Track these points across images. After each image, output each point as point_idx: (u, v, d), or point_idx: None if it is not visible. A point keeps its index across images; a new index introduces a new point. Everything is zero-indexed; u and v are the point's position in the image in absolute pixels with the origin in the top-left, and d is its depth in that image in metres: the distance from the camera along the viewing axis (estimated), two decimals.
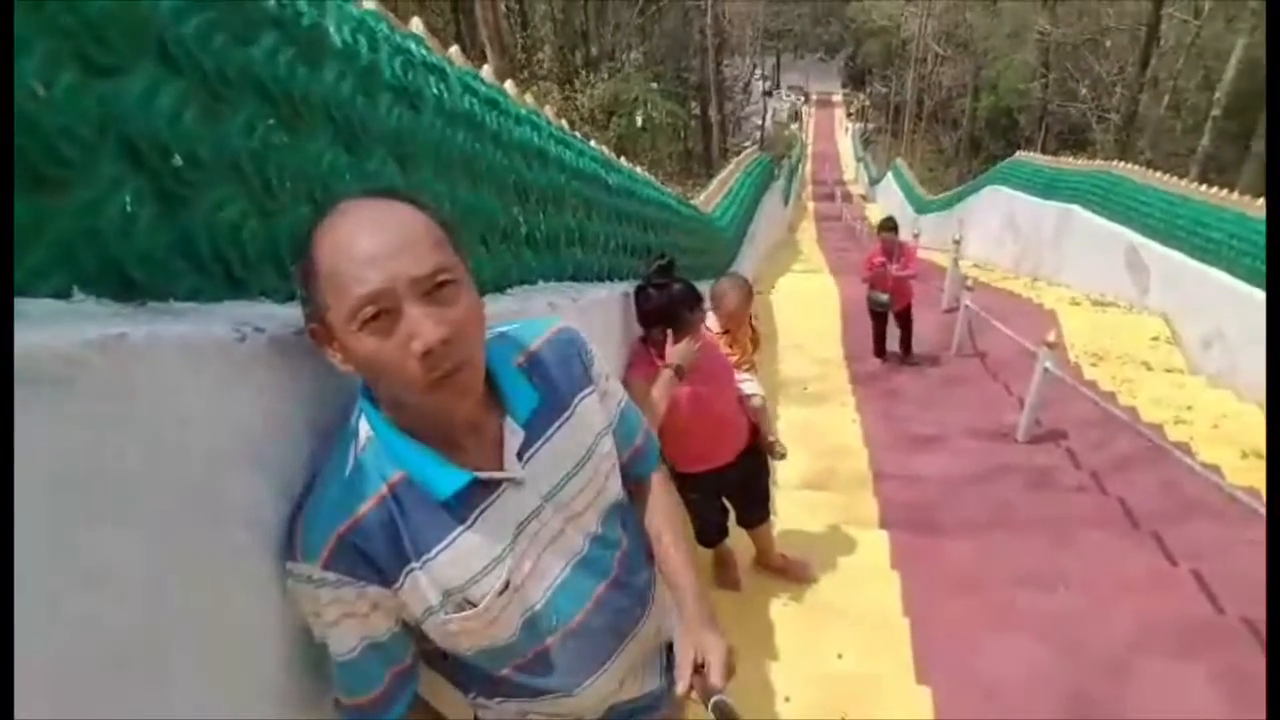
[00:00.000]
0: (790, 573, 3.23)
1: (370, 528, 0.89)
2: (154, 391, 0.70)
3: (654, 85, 19.75)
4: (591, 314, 2.11)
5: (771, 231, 14.99)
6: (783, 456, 3.06)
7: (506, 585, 0.97)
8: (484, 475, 0.94)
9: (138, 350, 0.67)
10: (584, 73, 20.39)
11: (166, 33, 0.80)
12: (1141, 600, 3.10)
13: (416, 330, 0.81)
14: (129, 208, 0.75)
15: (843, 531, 3.62)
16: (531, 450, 1.00)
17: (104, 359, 0.63)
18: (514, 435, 0.98)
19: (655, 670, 1.24)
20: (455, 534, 0.94)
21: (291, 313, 0.92)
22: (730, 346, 3.08)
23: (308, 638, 0.97)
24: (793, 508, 3.81)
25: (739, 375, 2.92)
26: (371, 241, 0.81)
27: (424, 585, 0.93)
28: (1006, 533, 3.74)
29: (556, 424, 1.04)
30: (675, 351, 2.36)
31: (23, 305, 0.64)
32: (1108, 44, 23.60)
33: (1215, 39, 20.37)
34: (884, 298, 6.60)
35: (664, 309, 2.39)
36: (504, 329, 1.07)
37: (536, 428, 1.01)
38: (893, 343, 7.10)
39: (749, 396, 2.90)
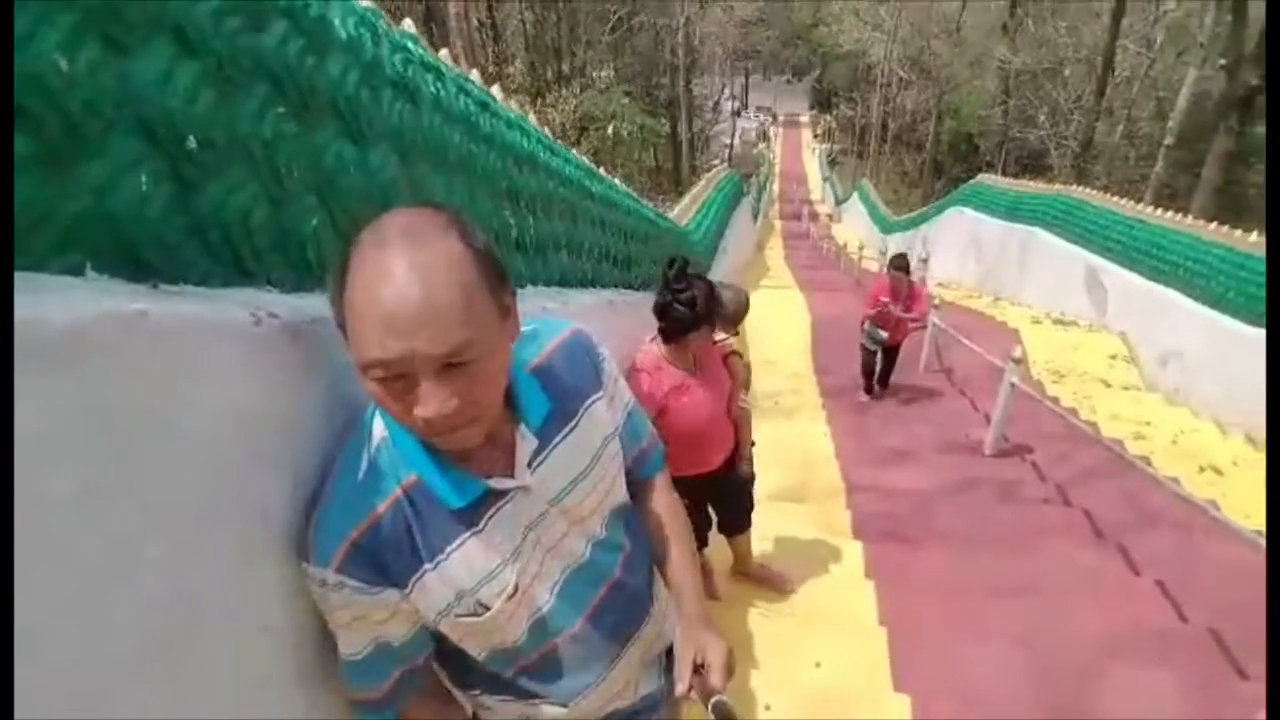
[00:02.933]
0: (768, 582, 3.24)
1: (384, 531, 0.89)
2: (171, 369, 0.68)
3: (625, 100, 19.90)
4: (579, 320, 2.11)
5: (741, 247, 15.15)
6: (750, 476, 2.97)
7: (516, 589, 0.97)
8: (497, 485, 0.93)
9: (156, 327, 0.65)
10: (556, 88, 20.51)
11: (183, 14, 0.79)
12: (1108, 609, 3.15)
13: (423, 400, 0.79)
14: (144, 187, 0.74)
15: (817, 542, 3.64)
16: (541, 457, 0.99)
17: (123, 334, 0.62)
18: (526, 443, 0.96)
19: (655, 673, 1.23)
20: (465, 537, 0.93)
21: (302, 302, 0.91)
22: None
23: (316, 625, 0.95)
24: (767, 519, 3.81)
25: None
26: (398, 304, 0.74)
27: (437, 586, 0.93)
28: (976, 544, 3.80)
29: (567, 429, 1.03)
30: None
31: (37, 279, 0.62)
32: (1066, 73, 24.36)
33: (1167, 70, 21.18)
34: (883, 335, 6.20)
35: (707, 309, 2.35)
36: (520, 329, 1.05)
37: (547, 434, 1.00)
38: None
39: (741, 405, 2.87)
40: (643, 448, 1.22)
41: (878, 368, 6.55)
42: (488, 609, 0.95)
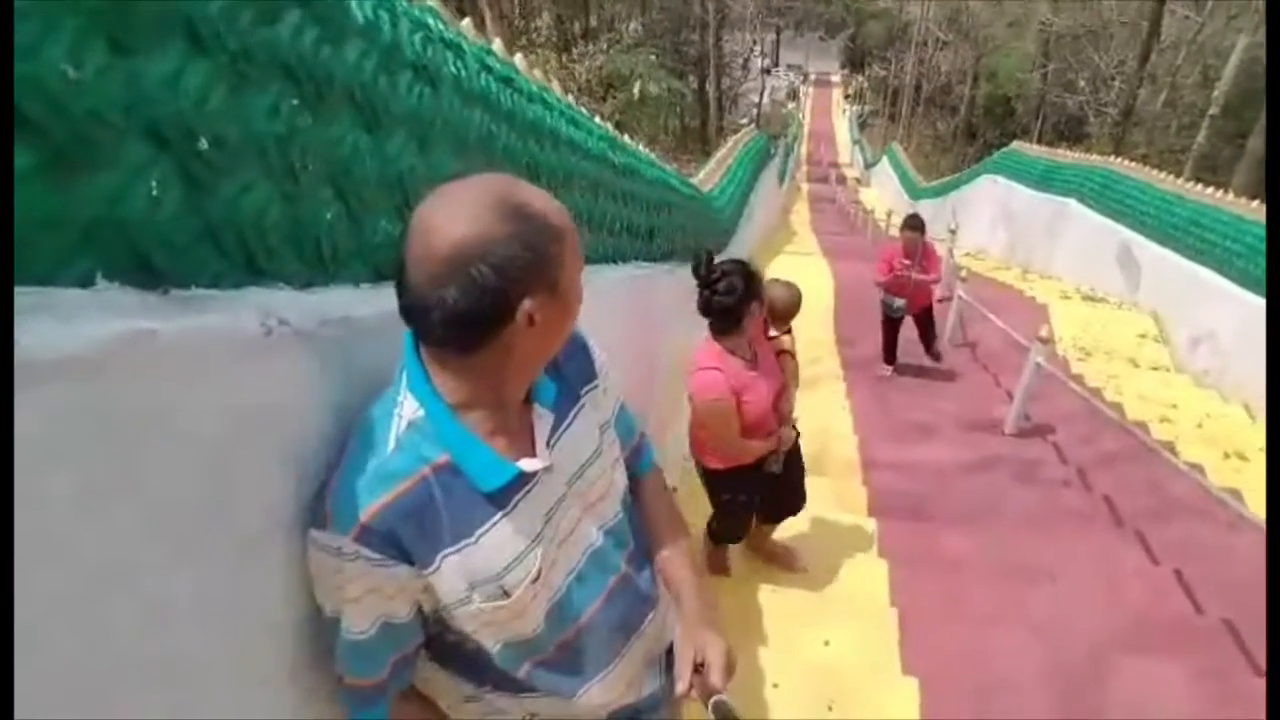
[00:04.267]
0: (780, 559, 3.25)
1: (407, 507, 0.88)
2: (181, 386, 0.68)
3: (653, 58, 19.53)
4: (601, 297, 2.09)
5: (767, 213, 14.92)
6: (776, 469, 2.83)
7: (538, 574, 0.98)
8: (528, 468, 0.95)
9: (167, 346, 0.65)
10: (582, 42, 20.18)
11: (194, 10, 0.77)
12: (1123, 597, 3.14)
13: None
14: (154, 192, 0.73)
15: (832, 518, 3.64)
16: (557, 435, 1.02)
17: (133, 355, 0.62)
18: (544, 420, 1.00)
19: (656, 672, 1.24)
20: (495, 520, 0.94)
21: (314, 300, 0.90)
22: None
23: (316, 622, 0.95)
24: None
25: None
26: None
27: (460, 571, 0.93)
28: (993, 525, 3.79)
29: (574, 410, 1.07)
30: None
31: (49, 296, 0.62)
32: (1110, 36, 23.52)
33: (1215, 36, 20.35)
34: (900, 303, 5.90)
35: (747, 291, 2.37)
36: None
37: (560, 412, 1.04)
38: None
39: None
40: (636, 443, 1.26)
41: (904, 338, 6.28)
42: (509, 595, 0.96)
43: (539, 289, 0.86)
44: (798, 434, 2.91)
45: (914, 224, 5.81)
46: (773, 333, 2.88)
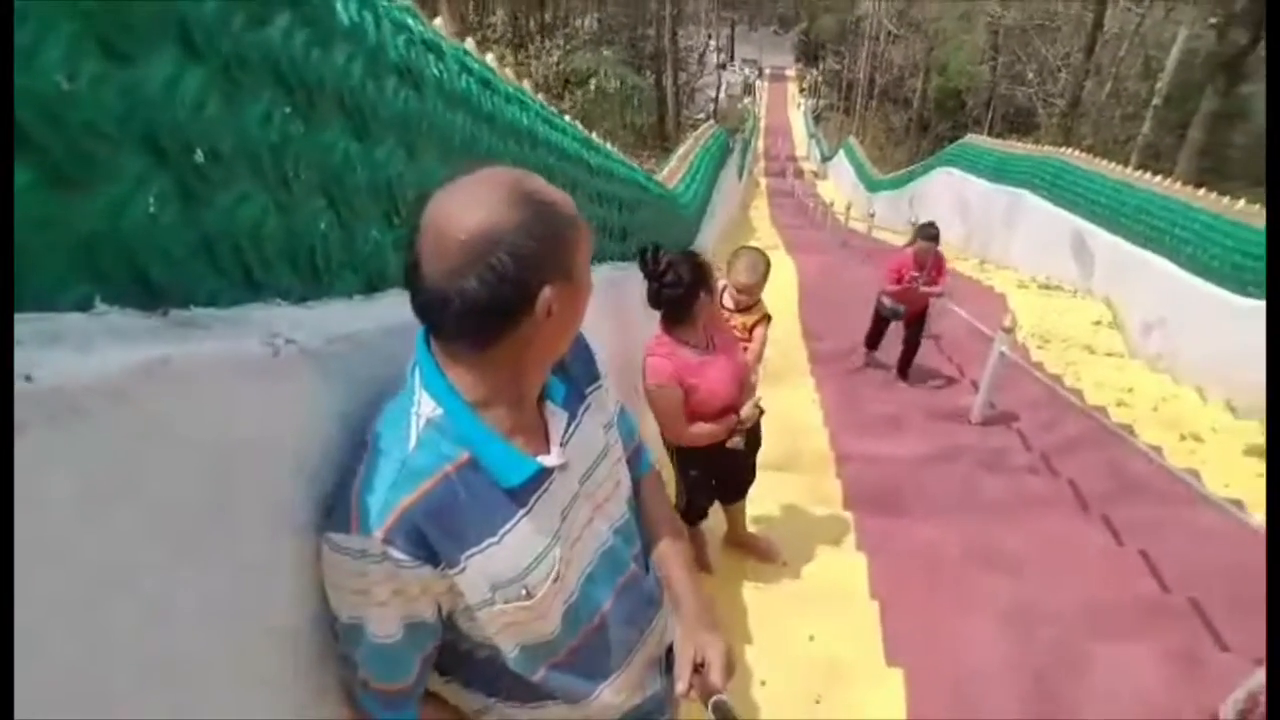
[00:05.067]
0: (758, 551, 3.27)
1: (432, 506, 0.86)
2: (191, 411, 0.65)
3: (609, 53, 19.47)
4: None
5: (728, 207, 14.99)
6: (737, 445, 2.77)
7: (558, 574, 0.97)
8: (549, 463, 0.95)
9: (178, 373, 0.62)
10: (538, 39, 20.04)
11: (188, 12, 0.73)
12: (1092, 580, 3.22)
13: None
14: (152, 206, 0.69)
15: (808, 512, 3.67)
16: (569, 432, 1.02)
17: (146, 385, 0.58)
18: (557, 418, 1.00)
19: (657, 672, 1.24)
20: (517, 518, 0.93)
21: (315, 315, 0.87)
22: (747, 331, 3.11)
23: (321, 624, 0.92)
24: (757, 487, 3.83)
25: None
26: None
27: (483, 572, 0.91)
28: (965, 514, 3.84)
29: (582, 409, 1.06)
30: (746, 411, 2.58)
31: (56, 323, 0.58)
32: (1056, 28, 24.10)
33: (1156, 28, 20.99)
34: (900, 309, 5.84)
35: (695, 277, 2.38)
36: None
37: (571, 410, 1.04)
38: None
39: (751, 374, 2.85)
40: (635, 445, 1.26)
41: (893, 346, 6.18)
42: (532, 595, 0.95)
43: (556, 276, 0.85)
44: (761, 411, 2.83)
45: (929, 234, 5.59)
46: (728, 303, 2.91)
